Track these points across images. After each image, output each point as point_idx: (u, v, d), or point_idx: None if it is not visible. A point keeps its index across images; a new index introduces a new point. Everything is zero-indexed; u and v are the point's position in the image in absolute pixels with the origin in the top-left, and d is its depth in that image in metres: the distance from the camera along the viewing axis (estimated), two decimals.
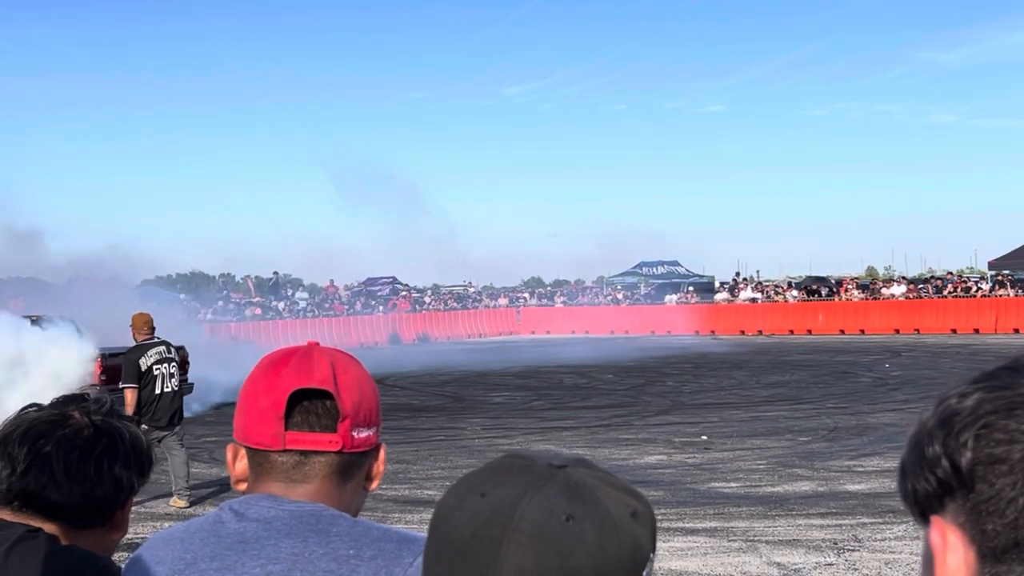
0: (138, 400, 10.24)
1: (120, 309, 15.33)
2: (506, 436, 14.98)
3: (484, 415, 17.51)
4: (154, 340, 10.55)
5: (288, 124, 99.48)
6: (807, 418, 15.72)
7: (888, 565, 7.59)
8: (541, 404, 19.00)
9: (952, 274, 42.93)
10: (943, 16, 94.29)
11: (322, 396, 1.50)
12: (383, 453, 1.59)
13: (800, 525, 8.86)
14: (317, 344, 1.57)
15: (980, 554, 0.84)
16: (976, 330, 34.33)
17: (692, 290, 44.29)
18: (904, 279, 41.49)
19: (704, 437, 14.06)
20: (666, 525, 8.83)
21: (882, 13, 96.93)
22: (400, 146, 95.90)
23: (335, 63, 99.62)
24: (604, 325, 41.53)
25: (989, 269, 42.12)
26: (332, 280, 45.09)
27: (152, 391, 10.30)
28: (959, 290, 37.75)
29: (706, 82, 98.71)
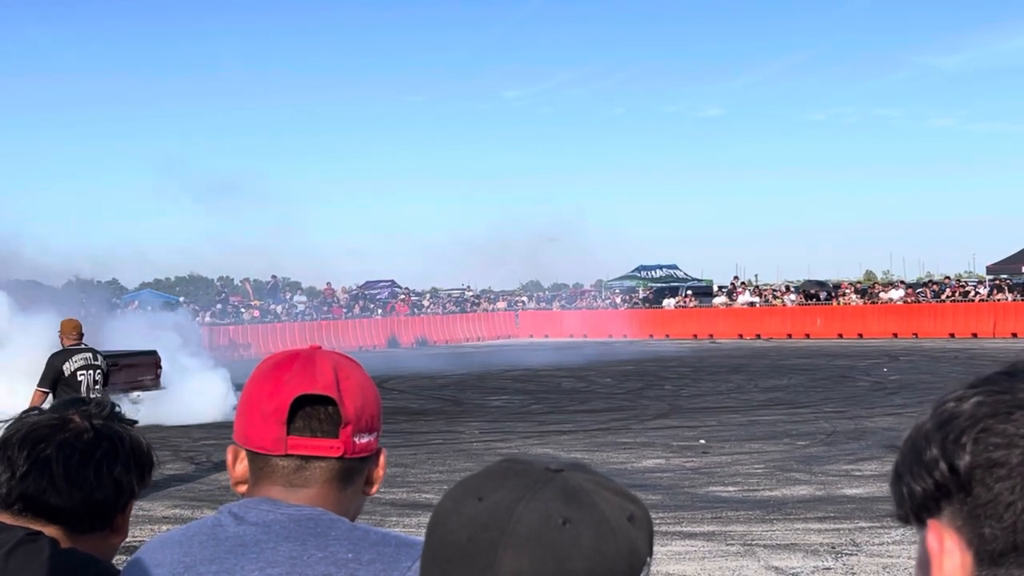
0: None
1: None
2: (504, 440, 14.98)
3: (482, 419, 17.50)
4: (81, 346, 10.57)
5: (285, 125, 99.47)
6: (805, 422, 15.72)
7: (886, 569, 7.59)
8: (539, 408, 18.99)
9: (950, 278, 42.95)
10: (941, 21, 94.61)
11: (325, 402, 1.50)
12: (383, 458, 1.59)
13: (798, 529, 8.85)
14: (319, 348, 1.57)
15: (977, 557, 0.84)
16: (974, 334, 34.35)
17: (690, 294, 44.29)
18: (902, 283, 41.46)
19: (702, 441, 14.06)
20: (664, 529, 8.82)
21: (880, 17, 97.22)
22: (398, 148, 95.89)
23: (332, 64, 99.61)
24: (603, 329, 41.55)
25: (987, 273, 42.11)
26: (329, 283, 45.09)
27: (75, 396, 10.30)
28: (957, 294, 37.77)
29: (705, 86, 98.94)
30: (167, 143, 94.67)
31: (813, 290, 42.38)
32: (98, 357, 10.58)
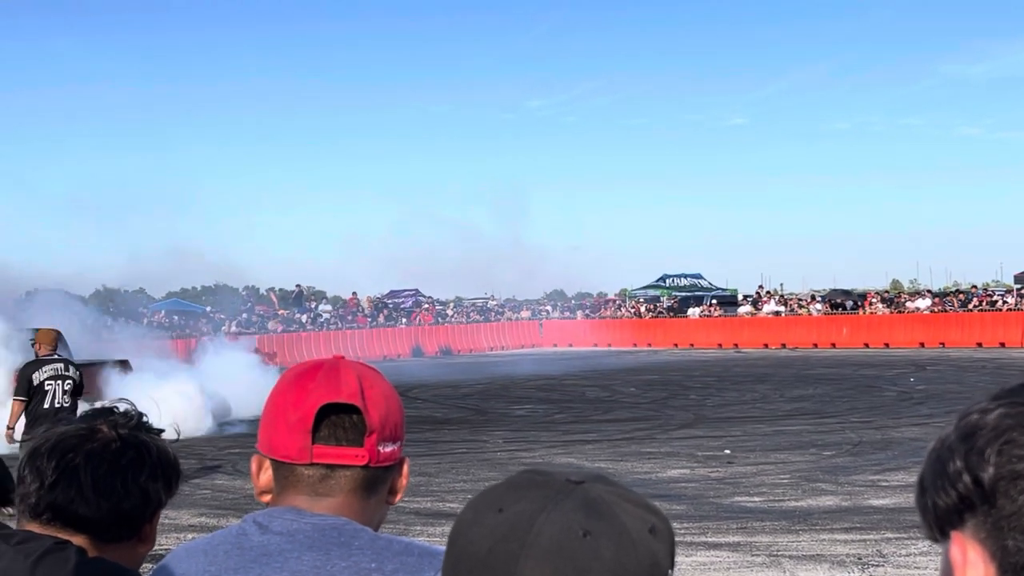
0: (29, 413, 10.26)
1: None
2: (528, 449, 14.96)
3: (506, 428, 17.50)
4: (53, 356, 10.62)
5: (311, 135, 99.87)
6: (831, 432, 15.62)
7: None
8: (563, 417, 18.96)
9: (977, 287, 42.61)
10: (967, 29, 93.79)
11: (349, 410, 1.51)
12: (406, 467, 1.60)
13: (824, 540, 8.80)
14: (343, 358, 1.58)
15: (1000, 570, 0.84)
16: (1002, 344, 34.04)
17: (715, 303, 44.14)
18: (929, 292, 41.20)
19: (727, 451, 14.00)
20: (689, 539, 8.79)
21: (905, 26, 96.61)
22: (425, 158, 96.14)
23: (359, 75, 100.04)
24: (626, 338, 41.49)
25: (1015, 282, 41.79)
26: (354, 292, 45.23)
27: (41, 405, 10.29)
28: (984, 304, 37.46)
29: (729, 95, 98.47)
30: (190, 154, 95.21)
31: (839, 299, 42.17)
32: (69, 368, 10.65)
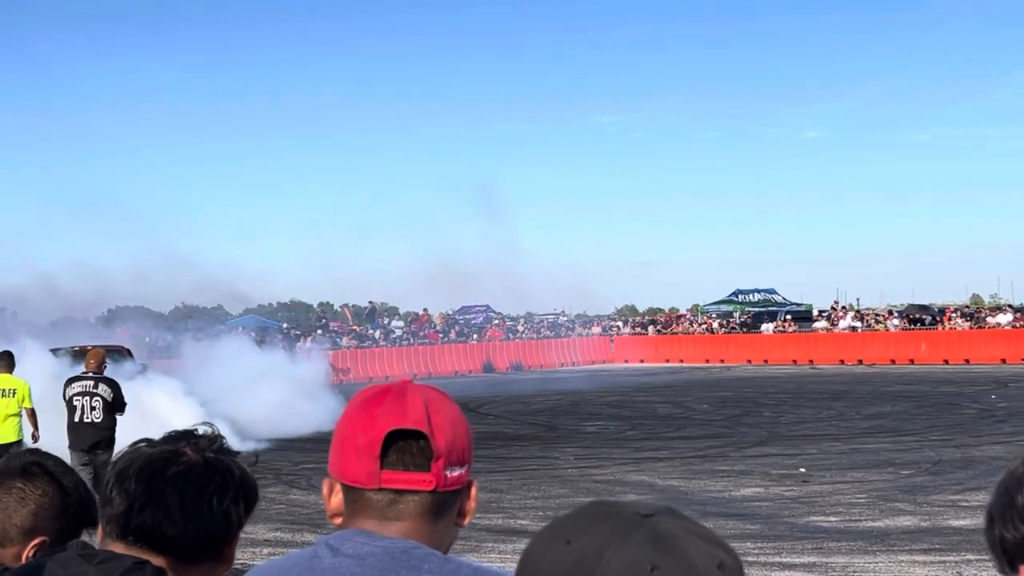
0: (67, 424, 11.24)
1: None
2: (599, 466, 14.90)
3: (577, 444, 17.45)
4: (87, 375, 11.44)
5: (385, 149, 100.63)
6: (909, 450, 15.31)
7: None
8: (635, 434, 18.86)
9: None
10: None
11: (416, 436, 1.53)
12: (475, 490, 1.61)
13: (902, 561, 8.63)
14: (410, 382, 1.60)
15: None
16: None
17: (789, 318, 43.54)
18: (1011, 307, 40.17)
19: (802, 469, 13.80)
20: (763, 560, 8.68)
21: (981, 36, 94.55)
22: (502, 174, 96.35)
23: (431, 93, 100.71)
24: (698, 354, 41.14)
25: None
26: (425, 308, 45.53)
27: (72, 418, 11.21)
28: None
29: (804, 107, 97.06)
30: (267, 170, 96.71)
31: (917, 314, 41.33)
32: (99, 385, 11.39)
